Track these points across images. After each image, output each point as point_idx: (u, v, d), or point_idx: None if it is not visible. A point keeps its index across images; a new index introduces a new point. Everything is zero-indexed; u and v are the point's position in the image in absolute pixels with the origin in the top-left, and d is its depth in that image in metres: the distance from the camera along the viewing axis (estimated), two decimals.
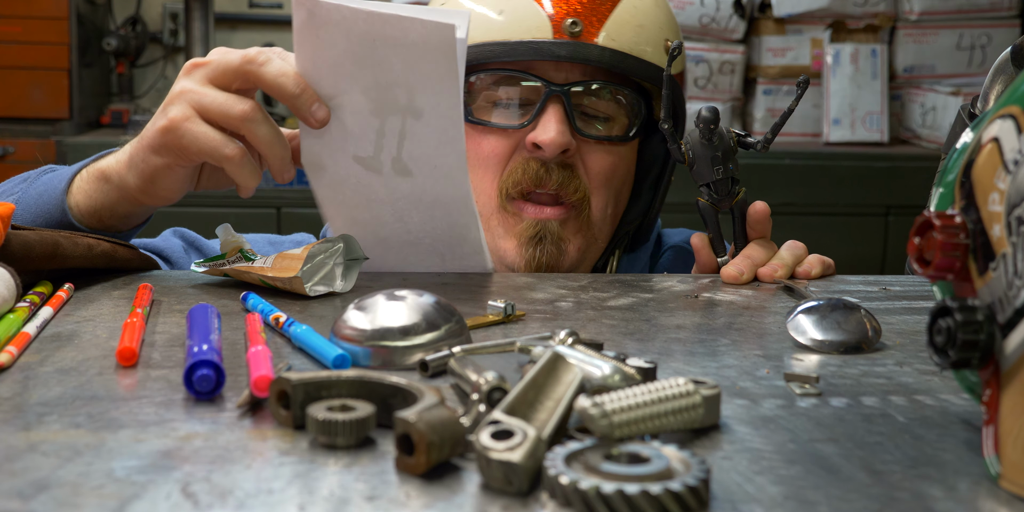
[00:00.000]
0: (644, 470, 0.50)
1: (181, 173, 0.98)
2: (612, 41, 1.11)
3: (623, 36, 1.12)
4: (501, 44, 1.10)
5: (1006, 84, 1.03)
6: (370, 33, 0.91)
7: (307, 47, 0.93)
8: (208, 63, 0.96)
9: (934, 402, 0.67)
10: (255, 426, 0.60)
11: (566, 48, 1.09)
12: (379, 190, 1.00)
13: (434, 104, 0.93)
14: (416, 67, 0.92)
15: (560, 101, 1.11)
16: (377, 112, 0.95)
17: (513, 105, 1.13)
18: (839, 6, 3.09)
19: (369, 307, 0.74)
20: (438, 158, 0.97)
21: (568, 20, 1.09)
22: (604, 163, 1.15)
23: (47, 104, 2.88)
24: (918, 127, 3.10)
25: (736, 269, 1.05)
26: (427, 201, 1.00)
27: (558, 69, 1.12)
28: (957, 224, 0.55)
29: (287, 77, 0.93)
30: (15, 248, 0.87)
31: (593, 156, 1.14)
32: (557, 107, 1.11)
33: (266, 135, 0.94)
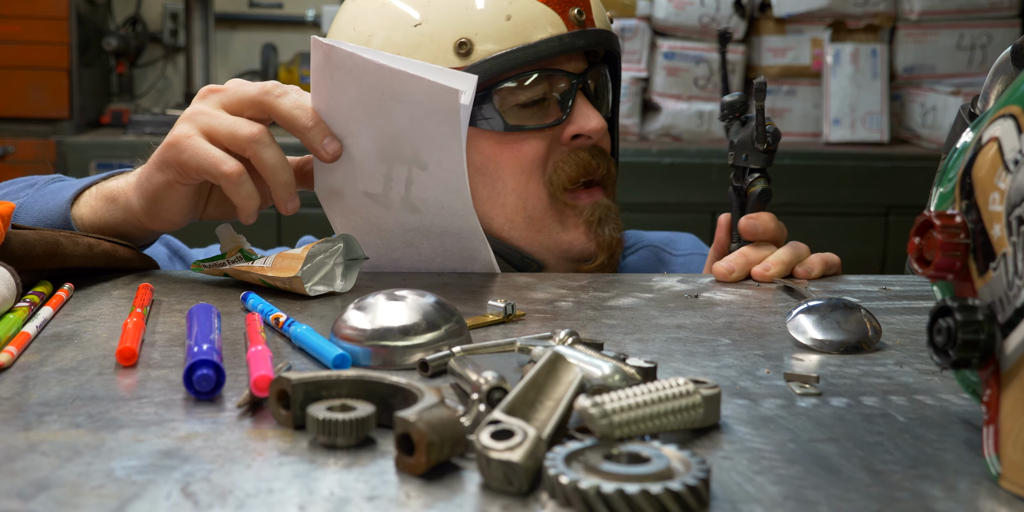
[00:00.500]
0: (644, 470, 0.50)
1: (183, 192, 0.98)
2: (599, 21, 1.14)
3: (600, 14, 1.15)
4: (524, 48, 1.08)
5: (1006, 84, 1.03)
6: (379, 85, 0.93)
7: (322, 88, 0.96)
8: (224, 90, 0.98)
9: (934, 402, 0.67)
10: (255, 426, 0.60)
11: (583, 37, 1.11)
12: (389, 221, 1.03)
13: (438, 160, 0.96)
14: (420, 124, 0.94)
15: (585, 87, 1.14)
16: (384, 159, 0.98)
17: (540, 104, 1.13)
18: (839, 6, 3.09)
19: (369, 307, 0.74)
20: (445, 200, 0.99)
21: (573, 10, 1.11)
22: (607, 138, 1.18)
23: (47, 104, 2.88)
24: (918, 127, 3.10)
25: (727, 267, 1.05)
26: (436, 232, 1.03)
27: (569, 59, 1.13)
28: (957, 224, 0.55)
29: (302, 110, 0.95)
30: (15, 247, 0.87)
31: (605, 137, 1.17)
32: (582, 95, 1.13)
33: (271, 159, 0.95)
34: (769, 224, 1.09)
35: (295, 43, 3.30)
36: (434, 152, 0.96)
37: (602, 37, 1.13)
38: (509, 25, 1.09)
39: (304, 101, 0.97)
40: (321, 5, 3.28)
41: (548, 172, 1.13)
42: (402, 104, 0.93)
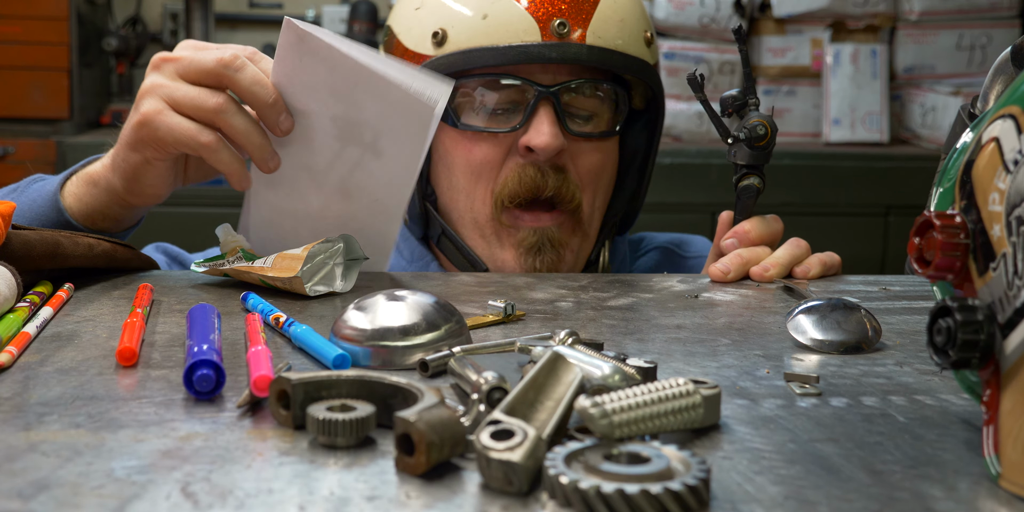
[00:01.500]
0: (644, 470, 0.50)
1: (162, 167, 0.98)
2: (598, 39, 1.11)
3: (608, 33, 1.12)
4: (490, 49, 1.09)
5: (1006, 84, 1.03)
6: (353, 78, 0.92)
7: (287, 64, 0.94)
8: (179, 59, 0.96)
9: (934, 402, 0.67)
10: (255, 426, 0.60)
11: (556, 50, 1.09)
12: (312, 202, 1.01)
13: (396, 153, 0.95)
14: (389, 120, 0.94)
15: (550, 102, 1.10)
16: (340, 138, 0.97)
17: (501, 109, 1.13)
18: (839, 6, 3.09)
19: (369, 307, 0.74)
20: (382, 194, 0.99)
21: (555, 21, 1.09)
22: (593, 161, 1.15)
23: (47, 104, 2.87)
24: (918, 127, 3.10)
25: (722, 268, 1.05)
26: (352, 227, 1.00)
27: (544, 70, 1.11)
28: (957, 224, 0.55)
29: (261, 86, 0.94)
30: (16, 247, 0.87)
31: (583, 155, 1.14)
32: (547, 109, 1.10)
33: (241, 125, 0.94)
34: (749, 235, 1.08)
35: None
36: (395, 144, 0.95)
37: (582, 53, 1.09)
38: (483, 24, 1.10)
39: (262, 75, 0.94)
40: (321, 5, 3.28)
41: (498, 182, 1.12)
42: (375, 100, 0.93)
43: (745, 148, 1.11)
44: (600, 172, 1.16)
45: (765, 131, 1.11)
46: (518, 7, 1.10)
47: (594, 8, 1.11)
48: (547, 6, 1.10)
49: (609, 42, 1.11)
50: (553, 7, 1.10)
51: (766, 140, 1.11)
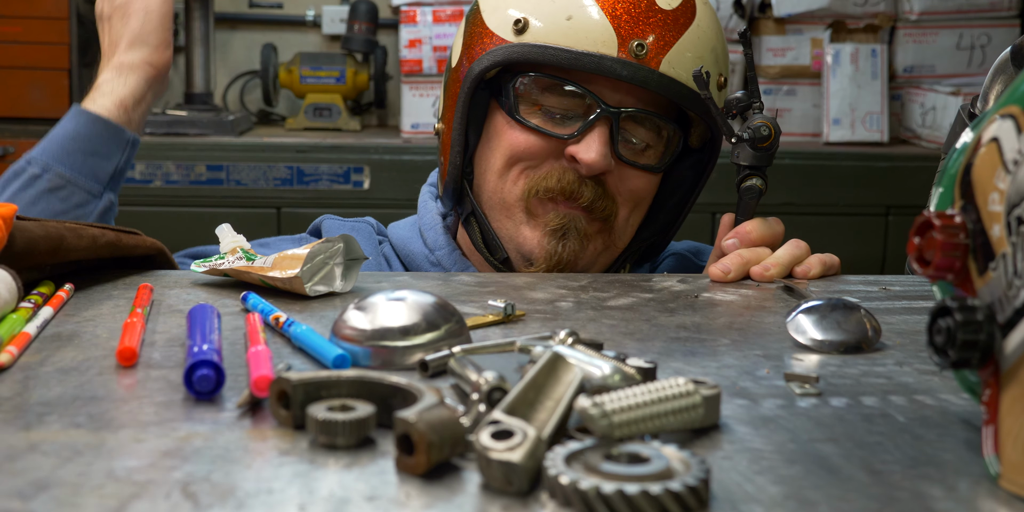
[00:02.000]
0: (644, 470, 0.50)
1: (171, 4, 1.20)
2: (672, 69, 1.10)
3: (683, 65, 1.11)
4: (565, 51, 1.09)
5: (1006, 84, 1.03)
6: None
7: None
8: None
9: (934, 402, 0.67)
10: (255, 426, 0.60)
11: (628, 68, 1.08)
12: None
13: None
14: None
15: (608, 123, 1.10)
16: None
17: (561, 113, 1.13)
18: (839, 6, 3.09)
19: (369, 307, 0.74)
20: None
21: (635, 41, 1.08)
22: (636, 186, 1.15)
23: (47, 104, 2.87)
24: (918, 127, 3.10)
25: (722, 268, 1.05)
26: None
27: (615, 90, 1.11)
28: (957, 224, 0.55)
29: None
30: (19, 245, 0.87)
31: (627, 179, 1.14)
32: (604, 128, 1.10)
33: None
34: (751, 236, 1.09)
35: (295, 43, 3.30)
36: None
37: (652, 78, 1.09)
38: (565, 24, 1.10)
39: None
40: (321, 5, 3.28)
41: (538, 172, 1.13)
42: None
43: (748, 149, 1.11)
44: (643, 196, 1.17)
45: (769, 132, 1.11)
46: (604, 18, 1.09)
47: (676, 40, 1.10)
48: (632, 25, 1.09)
49: (681, 75, 1.10)
50: (638, 28, 1.09)
51: (769, 141, 1.11)
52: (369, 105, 3.21)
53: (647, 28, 1.10)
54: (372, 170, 2.75)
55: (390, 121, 3.30)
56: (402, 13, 3.06)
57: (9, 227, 0.86)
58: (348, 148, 2.77)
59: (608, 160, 1.10)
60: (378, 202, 2.75)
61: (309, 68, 3.07)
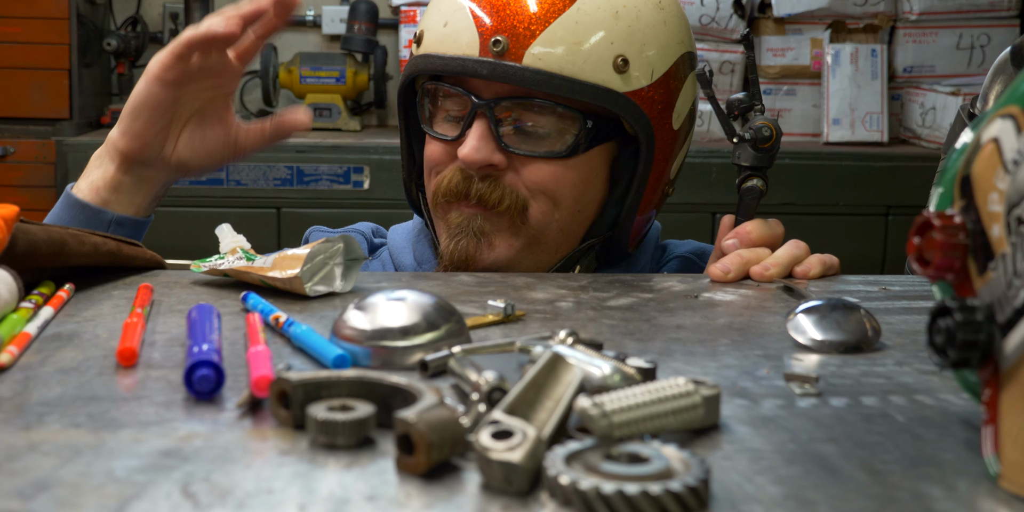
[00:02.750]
0: (644, 470, 0.50)
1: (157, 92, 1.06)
2: (538, 60, 1.08)
3: (551, 56, 1.08)
4: (438, 57, 1.11)
5: (1006, 84, 1.03)
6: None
7: None
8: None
9: (934, 402, 0.67)
10: (255, 426, 0.60)
11: (487, 67, 1.08)
12: None
13: None
14: None
15: (484, 116, 1.10)
16: None
17: (453, 116, 1.14)
18: (839, 6, 3.09)
19: (369, 307, 0.74)
20: None
21: (493, 38, 1.08)
22: (541, 174, 1.12)
23: (47, 104, 2.87)
24: (918, 127, 3.10)
25: (722, 268, 1.04)
26: None
27: (488, 85, 1.11)
28: (957, 224, 0.55)
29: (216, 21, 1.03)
30: (21, 247, 0.87)
31: (528, 168, 1.12)
32: (481, 122, 1.10)
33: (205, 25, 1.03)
34: (751, 236, 1.08)
35: (295, 43, 3.30)
36: None
37: (512, 73, 1.07)
38: (442, 31, 1.13)
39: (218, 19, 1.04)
40: (321, 5, 3.28)
41: (440, 178, 1.15)
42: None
43: (749, 150, 1.11)
44: (553, 186, 1.12)
45: (770, 133, 1.11)
46: (469, 19, 1.10)
47: (543, 29, 1.08)
48: (495, 22, 1.09)
49: (551, 65, 1.08)
50: (500, 24, 1.09)
51: (771, 142, 1.11)
52: (369, 105, 3.21)
53: (510, 21, 1.09)
54: (372, 170, 2.75)
55: (390, 121, 3.30)
56: (402, 13, 3.06)
57: (10, 228, 0.86)
58: (348, 148, 2.78)
59: (483, 153, 1.10)
60: (378, 202, 2.75)
61: (309, 68, 3.07)
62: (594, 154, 1.14)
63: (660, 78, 1.13)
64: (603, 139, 1.13)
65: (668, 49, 1.15)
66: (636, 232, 1.20)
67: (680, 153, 1.19)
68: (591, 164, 1.14)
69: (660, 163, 1.14)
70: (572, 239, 1.17)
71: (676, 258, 1.27)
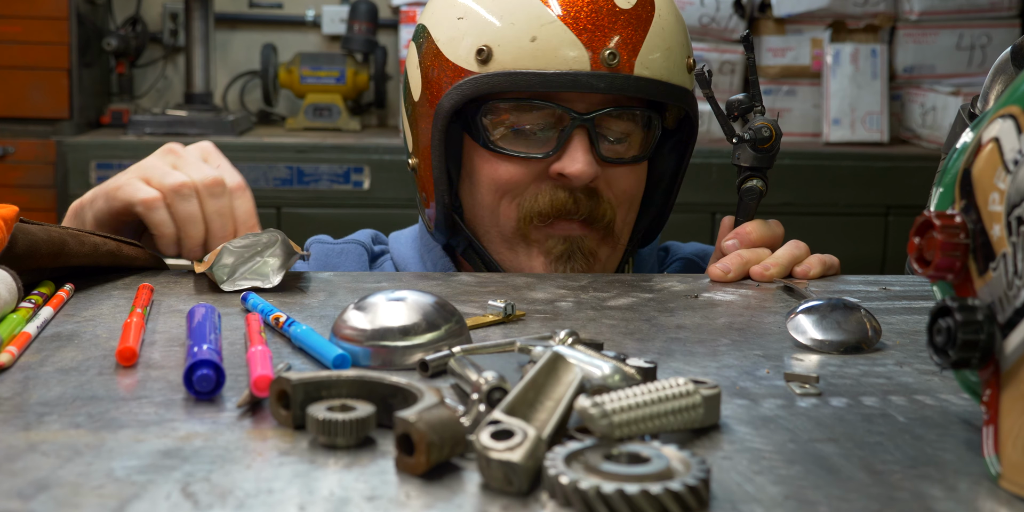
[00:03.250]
0: (644, 470, 0.50)
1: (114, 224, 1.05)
2: (646, 69, 1.08)
3: (655, 63, 1.09)
4: (537, 74, 1.06)
5: (1006, 84, 1.03)
6: None
7: None
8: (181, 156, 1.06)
9: (934, 402, 0.67)
10: (255, 426, 0.60)
11: (604, 80, 1.06)
12: None
13: None
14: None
15: (585, 130, 1.08)
16: None
17: (534, 132, 1.10)
18: (839, 6, 3.09)
19: (369, 307, 0.74)
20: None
21: (606, 52, 1.06)
22: (629, 183, 1.13)
23: (47, 104, 2.87)
24: (918, 127, 3.10)
25: (722, 268, 1.05)
26: None
27: (582, 96, 1.09)
28: (957, 224, 0.55)
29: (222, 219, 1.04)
30: (21, 247, 0.87)
31: (617, 179, 1.12)
32: (582, 136, 1.08)
33: (184, 211, 1.02)
34: (750, 237, 1.09)
35: (295, 43, 3.30)
36: None
37: (633, 85, 1.07)
38: (531, 46, 1.07)
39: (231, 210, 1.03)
40: (321, 5, 3.28)
41: (526, 198, 1.11)
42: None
43: (749, 150, 1.12)
44: (634, 193, 1.15)
45: (770, 134, 1.11)
46: (569, 33, 1.06)
47: (643, 38, 1.08)
48: (599, 34, 1.07)
49: (656, 72, 1.09)
50: (604, 35, 1.07)
51: (770, 143, 1.11)
52: (369, 105, 3.21)
53: (612, 33, 1.07)
54: (372, 170, 2.75)
55: (390, 121, 3.30)
56: (402, 13, 3.06)
57: (10, 228, 0.86)
58: (348, 148, 2.78)
59: (595, 167, 1.08)
60: (378, 202, 2.75)
61: (309, 68, 3.07)
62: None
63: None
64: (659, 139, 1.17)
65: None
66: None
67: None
68: (646, 165, 1.17)
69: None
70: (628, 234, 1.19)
71: (679, 260, 1.27)
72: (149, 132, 2.79)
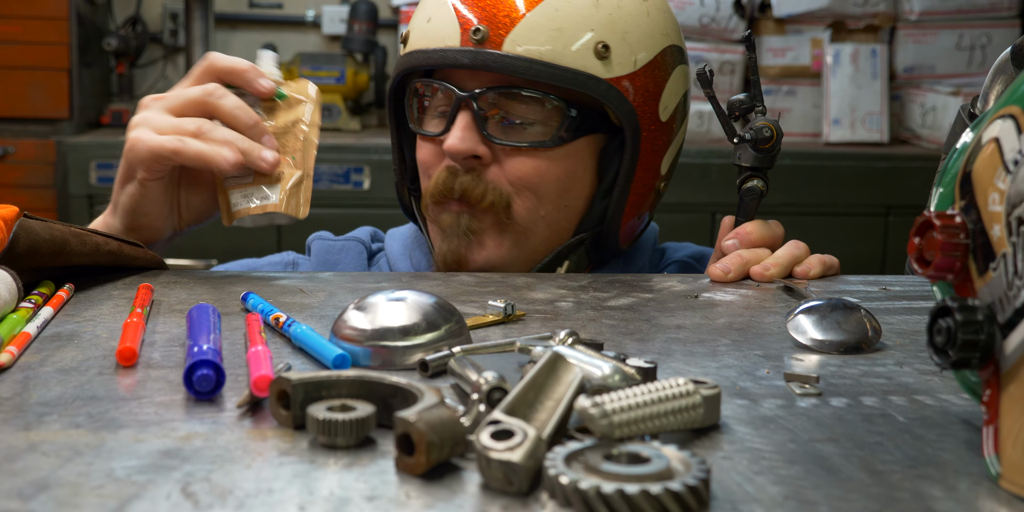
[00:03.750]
0: (644, 470, 0.50)
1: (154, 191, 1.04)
2: (517, 47, 1.08)
3: (534, 42, 1.08)
4: (421, 52, 1.12)
5: (1006, 84, 1.03)
6: None
7: None
8: (165, 97, 1.04)
9: (934, 402, 0.67)
10: (255, 426, 0.60)
11: (468, 56, 1.08)
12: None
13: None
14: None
15: (469, 107, 1.09)
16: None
17: (438, 113, 1.14)
18: (839, 6, 3.09)
19: (369, 307, 0.74)
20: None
21: (473, 27, 1.09)
22: (524, 167, 1.11)
23: (47, 104, 2.88)
24: (918, 127, 3.10)
25: (722, 268, 1.05)
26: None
27: (473, 77, 1.11)
28: (957, 224, 0.55)
29: (243, 110, 1.01)
30: (22, 246, 0.87)
31: (511, 161, 1.11)
32: (465, 113, 1.10)
33: (230, 104, 1.01)
34: (751, 237, 1.09)
35: (295, 43, 3.30)
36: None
37: (492, 60, 1.07)
38: (426, 27, 1.13)
39: (243, 102, 1.02)
40: (321, 5, 3.28)
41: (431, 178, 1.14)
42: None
43: (750, 150, 1.12)
44: (536, 180, 1.11)
45: (771, 134, 1.11)
46: (451, 13, 1.11)
47: (522, 17, 1.08)
48: (474, 12, 1.09)
49: (532, 51, 1.08)
50: (480, 13, 1.09)
51: (771, 143, 1.11)
52: (369, 105, 3.21)
53: (487, 12, 1.09)
54: (372, 170, 2.75)
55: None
56: (402, 13, 3.06)
57: (10, 229, 0.86)
58: (348, 148, 2.78)
59: (468, 143, 1.09)
60: (378, 202, 2.75)
61: (309, 68, 3.07)
62: (579, 146, 1.12)
63: (644, 67, 1.12)
64: (588, 130, 1.12)
65: (652, 39, 1.14)
66: (629, 231, 1.19)
67: (672, 148, 1.17)
68: (576, 156, 1.13)
69: (648, 154, 1.13)
70: (560, 235, 1.15)
71: (675, 263, 1.26)
72: None
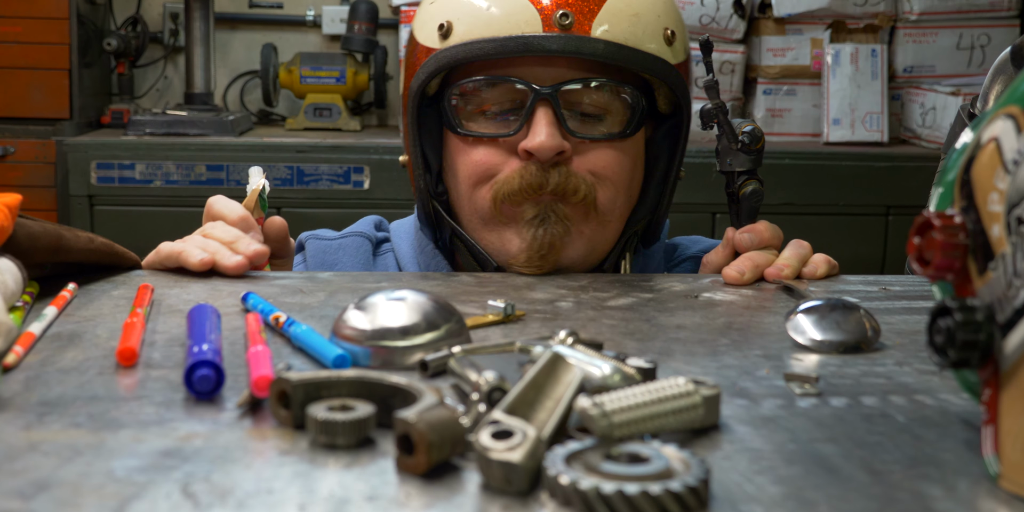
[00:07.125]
0: (644, 470, 0.50)
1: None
2: (605, 32, 1.06)
3: (618, 27, 1.06)
4: (489, 40, 1.05)
5: (1006, 84, 1.03)
6: None
7: None
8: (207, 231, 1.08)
9: (934, 402, 0.67)
10: (255, 426, 0.60)
11: (557, 42, 1.04)
12: None
13: None
14: None
15: (549, 104, 1.06)
16: None
17: (503, 111, 1.09)
18: (839, 6, 3.09)
19: (369, 307, 0.74)
20: None
21: (558, 12, 1.05)
22: (606, 159, 1.09)
23: (47, 104, 2.87)
24: (918, 127, 3.10)
25: (737, 270, 1.04)
26: None
27: (547, 70, 1.07)
28: (957, 224, 0.55)
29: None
30: (21, 239, 0.87)
31: (592, 154, 1.09)
32: (546, 110, 1.06)
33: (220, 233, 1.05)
34: (764, 234, 1.09)
35: (295, 43, 3.30)
36: None
37: (585, 46, 1.04)
38: (486, 15, 1.06)
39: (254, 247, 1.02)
40: (321, 5, 3.28)
41: (499, 180, 1.08)
42: None
43: (742, 154, 1.11)
44: (616, 170, 1.10)
45: (760, 133, 1.12)
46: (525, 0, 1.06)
47: (604, 1, 1.07)
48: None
49: (618, 36, 1.06)
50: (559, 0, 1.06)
51: (761, 142, 1.12)
52: (369, 105, 3.21)
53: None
54: (372, 170, 2.75)
55: (390, 121, 3.30)
56: (402, 13, 3.06)
57: (15, 216, 0.86)
58: (348, 148, 2.77)
59: (557, 140, 1.05)
60: (378, 202, 2.75)
61: (309, 68, 3.07)
62: (639, 135, 1.13)
63: (688, 56, 1.14)
64: (645, 119, 1.13)
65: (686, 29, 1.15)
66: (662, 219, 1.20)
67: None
68: (637, 145, 1.13)
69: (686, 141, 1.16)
70: (620, 226, 1.14)
71: (689, 259, 1.26)
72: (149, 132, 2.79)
